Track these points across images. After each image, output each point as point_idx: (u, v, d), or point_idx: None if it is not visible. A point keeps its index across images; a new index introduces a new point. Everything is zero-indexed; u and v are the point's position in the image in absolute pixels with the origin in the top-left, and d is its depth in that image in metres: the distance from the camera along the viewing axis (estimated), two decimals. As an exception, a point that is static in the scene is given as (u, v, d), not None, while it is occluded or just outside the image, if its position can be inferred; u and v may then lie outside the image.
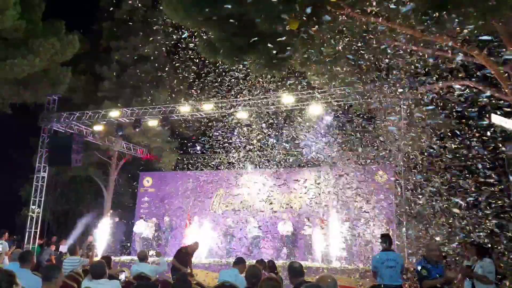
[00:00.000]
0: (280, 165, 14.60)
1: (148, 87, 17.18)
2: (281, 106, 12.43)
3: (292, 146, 12.83)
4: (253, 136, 13.24)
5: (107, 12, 18.55)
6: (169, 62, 17.99)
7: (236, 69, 11.49)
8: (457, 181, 8.09)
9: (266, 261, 7.58)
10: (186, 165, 18.21)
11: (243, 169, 14.83)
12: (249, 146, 13.78)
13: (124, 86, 17.48)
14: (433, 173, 8.56)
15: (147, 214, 15.27)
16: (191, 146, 18.25)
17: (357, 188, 10.50)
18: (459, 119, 8.25)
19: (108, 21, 18.58)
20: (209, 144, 14.81)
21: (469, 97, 8.10)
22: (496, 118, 7.76)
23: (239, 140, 13.62)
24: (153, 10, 17.92)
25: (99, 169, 19.62)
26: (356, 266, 10.36)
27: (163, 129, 16.06)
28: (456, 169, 8.18)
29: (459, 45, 8.00)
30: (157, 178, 16.31)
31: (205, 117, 13.89)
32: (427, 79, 9.06)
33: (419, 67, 8.87)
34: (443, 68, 8.60)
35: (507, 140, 7.96)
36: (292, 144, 12.53)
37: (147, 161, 18.83)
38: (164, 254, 11.62)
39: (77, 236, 15.80)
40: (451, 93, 8.47)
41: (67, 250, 8.27)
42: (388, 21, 8.29)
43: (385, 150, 10.04)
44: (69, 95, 16.83)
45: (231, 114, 13.03)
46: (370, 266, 7.16)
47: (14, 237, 15.74)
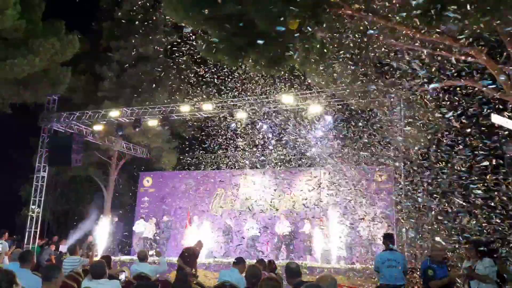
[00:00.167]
0: (279, 165, 14.59)
1: (148, 87, 17.14)
2: (281, 106, 12.43)
3: (292, 146, 12.81)
4: (253, 136, 13.23)
5: (107, 12, 18.56)
6: (169, 62, 18.02)
7: (236, 69, 11.49)
8: (459, 181, 8.07)
9: (266, 261, 7.59)
10: (186, 165, 18.21)
11: (243, 169, 14.84)
12: (249, 146, 13.77)
13: (124, 86, 17.45)
14: (433, 173, 8.54)
15: (147, 214, 15.28)
16: (191, 146, 18.26)
17: (357, 188, 10.49)
18: (460, 116, 8.23)
19: (108, 21, 18.54)
20: (209, 144, 14.81)
21: (469, 97, 8.10)
22: (496, 118, 7.73)
23: (239, 140, 13.62)
24: (153, 10, 17.90)
25: (99, 169, 19.59)
26: (355, 266, 10.35)
27: (163, 129, 16.05)
28: (459, 169, 8.16)
29: (459, 45, 7.99)
30: (157, 178, 16.30)
31: (205, 117, 13.90)
32: (427, 79, 9.04)
33: (419, 67, 8.85)
34: (443, 68, 8.59)
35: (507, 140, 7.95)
36: (292, 144, 12.51)
37: (147, 161, 18.85)
38: (164, 254, 11.60)
39: (77, 236, 15.78)
40: (451, 93, 8.47)
41: (67, 250, 8.27)
42: (388, 20, 8.28)
43: (385, 150, 10.03)
44: (69, 95, 16.79)
45: (231, 114, 13.03)
46: (370, 266, 7.16)
47: (14, 237, 15.73)
